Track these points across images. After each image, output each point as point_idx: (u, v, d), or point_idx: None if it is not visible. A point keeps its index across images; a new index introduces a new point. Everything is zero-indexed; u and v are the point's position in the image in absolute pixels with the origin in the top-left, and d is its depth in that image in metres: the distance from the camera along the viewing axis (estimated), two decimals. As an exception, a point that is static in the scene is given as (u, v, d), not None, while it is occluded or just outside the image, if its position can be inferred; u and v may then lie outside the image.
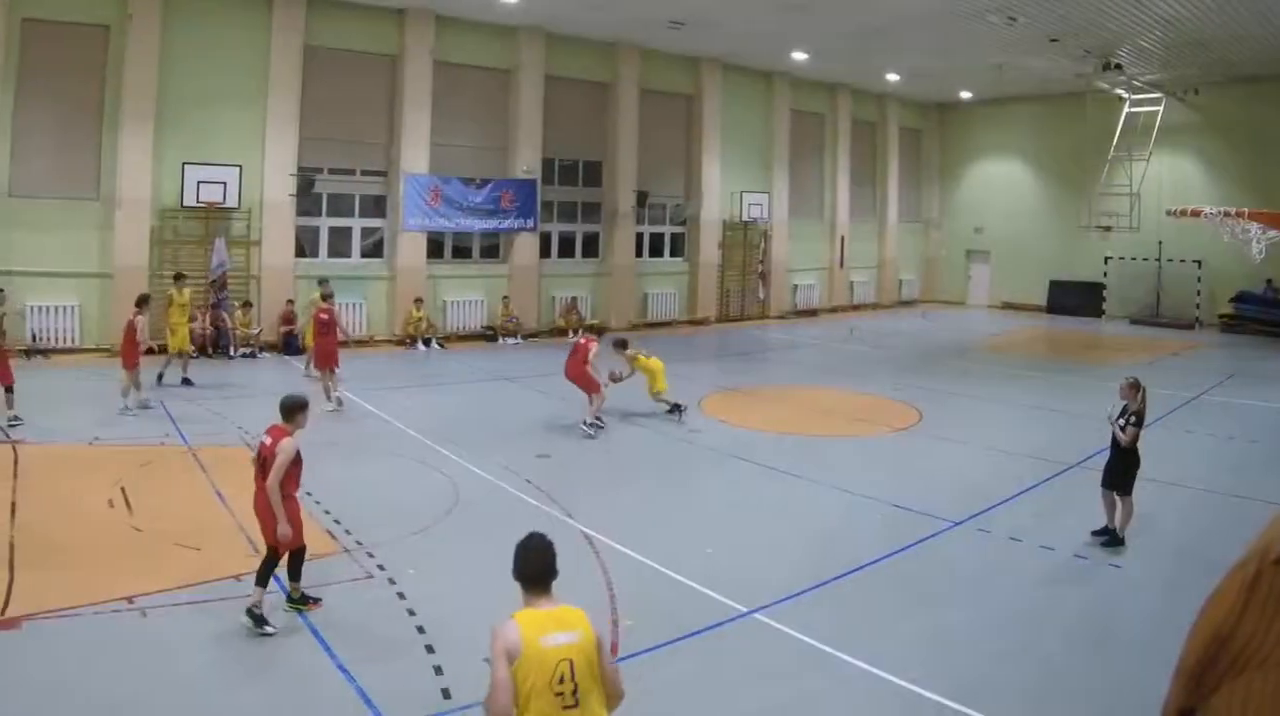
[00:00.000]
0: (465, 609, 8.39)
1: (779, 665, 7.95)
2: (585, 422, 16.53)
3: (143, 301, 17.44)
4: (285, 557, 8.58)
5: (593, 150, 31.08)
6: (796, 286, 37.13)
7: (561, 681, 4.46)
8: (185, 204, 22.65)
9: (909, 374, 23.60)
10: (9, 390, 15.27)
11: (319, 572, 9.43)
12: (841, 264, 38.87)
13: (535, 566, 4.83)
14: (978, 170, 42.39)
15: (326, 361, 17.95)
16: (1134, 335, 33.10)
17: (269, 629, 8.14)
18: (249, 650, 7.94)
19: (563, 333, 28.78)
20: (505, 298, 28.11)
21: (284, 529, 8.25)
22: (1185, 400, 20.23)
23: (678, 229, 33.64)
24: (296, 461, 8.51)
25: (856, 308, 39.34)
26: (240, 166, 23.28)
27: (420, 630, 8.33)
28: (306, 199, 24.83)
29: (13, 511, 10.96)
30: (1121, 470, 10.96)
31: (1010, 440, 16.43)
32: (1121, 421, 10.93)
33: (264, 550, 8.72)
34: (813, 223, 38.09)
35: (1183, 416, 18.59)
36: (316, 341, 18.30)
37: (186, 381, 19.15)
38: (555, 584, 4.83)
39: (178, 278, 19.96)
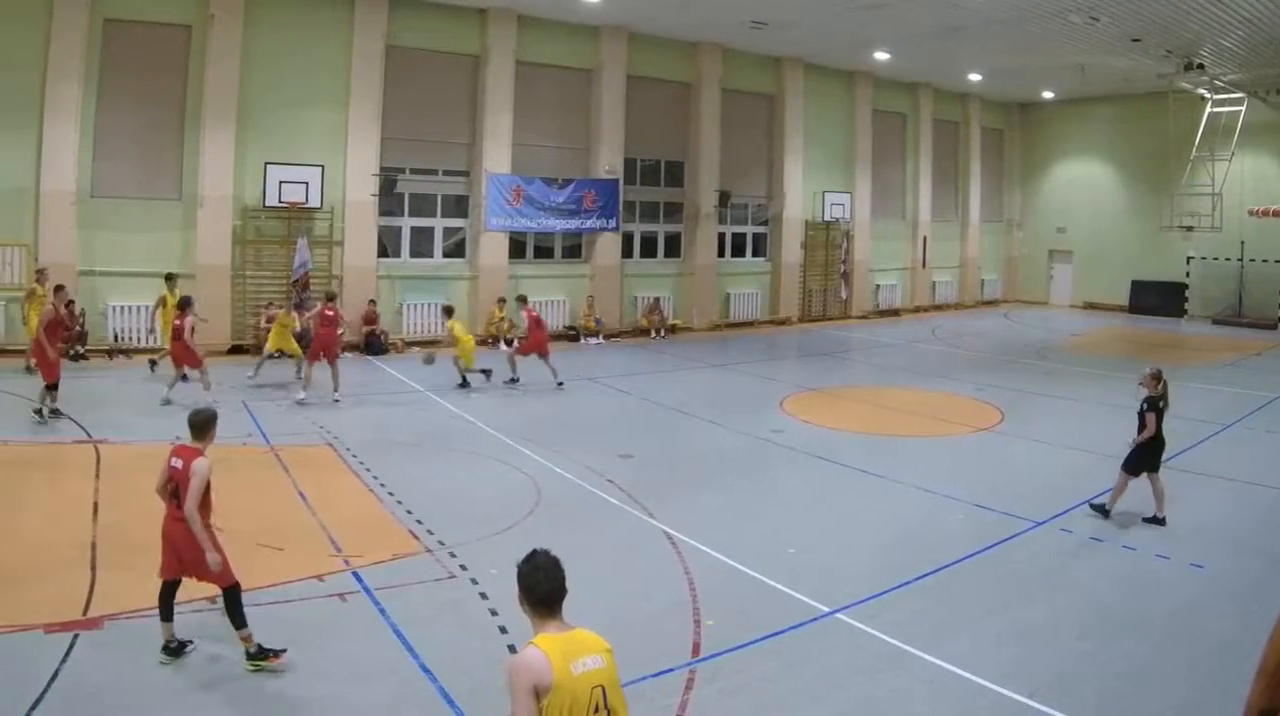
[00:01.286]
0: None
1: (861, 664, 7.51)
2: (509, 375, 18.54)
3: (186, 303, 16.56)
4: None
5: (675, 150, 29.09)
6: (879, 286, 34.77)
7: (596, 711, 3.83)
8: (268, 204, 21.26)
9: (991, 374, 22.01)
10: (52, 388, 14.42)
11: (402, 572, 8.97)
12: (924, 264, 36.34)
13: (548, 586, 3.99)
14: (1060, 170, 39.61)
15: (325, 354, 17.05)
16: (1216, 335, 31.00)
17: (275, 663, 7.07)
18: (331, 650, 7.44)
19: (645, 332, 27.25)
20: (590, 298, 26.37)
21: (213, 557, 6.98)
22: (1266, 400, 19.04)
23: (760, 229, 31.50)
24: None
25: (939, 307, 36.87)
26: (322, 166, 21.83)
27: (503, 630, 7.75)
28: (389, 199, 23.25)
29: (95, 511, 10.33)
30: (1139, 453, 10.98)
31: (1092, 440, 15.09)
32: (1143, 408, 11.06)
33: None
34: (895, 222, 35.66)
35: (1264, 417, 17.55)
36: (320, 332, 17.17)
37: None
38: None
39: (168, 278, 18.57)
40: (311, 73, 22.07)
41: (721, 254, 30.22)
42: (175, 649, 7.15)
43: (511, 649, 7.07)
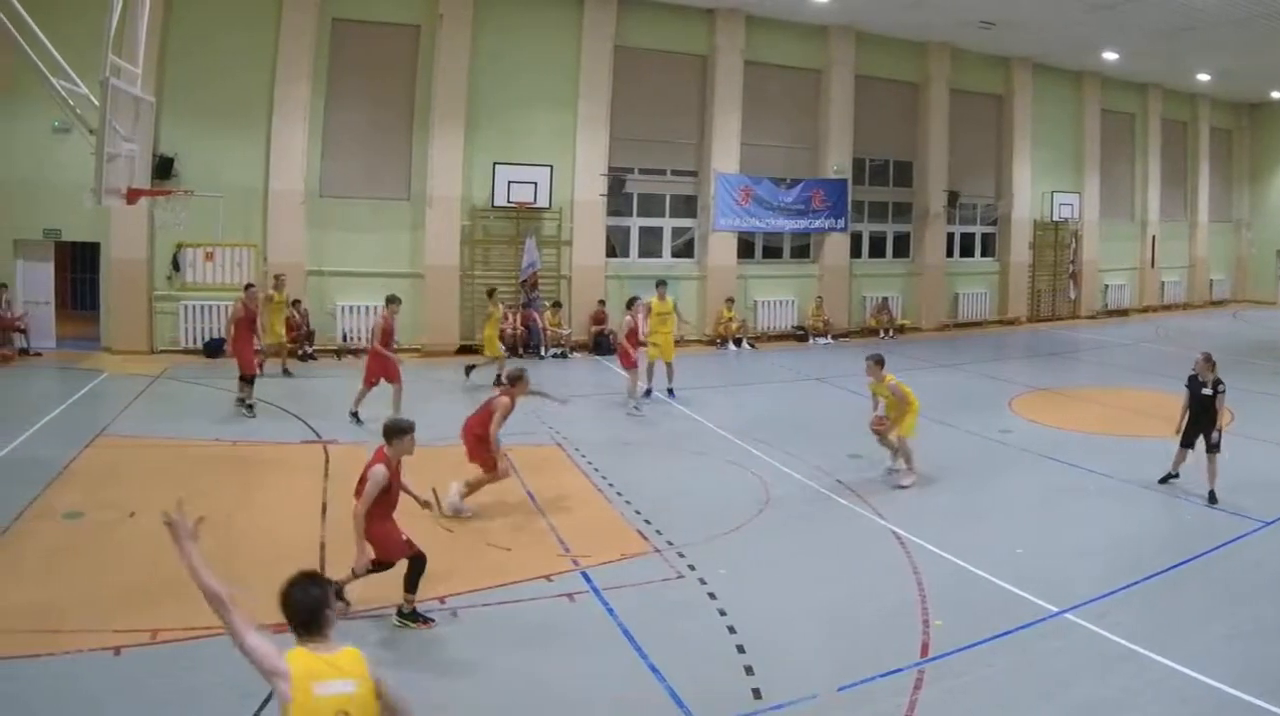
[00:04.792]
0: (776, 609, 6.34)
1: (1090, 664, 5.68)
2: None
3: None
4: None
5: (903, 150, 22.16)
6: (1107, 286, 26.26)
7: None
8: (496, 204, 16.29)
9: (1220, 374, 15.72)
10: (248, 381, 11.54)
11: (630, 572, 7.00)
12: (1153, 264, 27.60)
13: (297, 613, 2.88)
14: (1289, 170, 29.75)
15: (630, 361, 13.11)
16: None
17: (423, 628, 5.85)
18: (561, 649, 5.78)
19: (874, 333, 20.99)
20: (819, 298, 20.14)
21: (362, 559, 5.79)
22: None
23: (988, 229, 23.96)
24: (387, 488, 5.77)
25: (1167, 307, 27.75)
26: (551, 166, 16.65)
27: (731, 630, 5.97)
28: (617, 199, 17.78)
29: (324, 511, 8.17)
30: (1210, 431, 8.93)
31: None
32: (1209, 391, 9.14)
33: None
34: (1123, 222, 26.93)
35: None
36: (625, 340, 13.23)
37: (286, 372, 13.97)
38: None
39: (277, 278, 13.99)
40: (540, 72, 16.91)
41: (950, 254, 22.94)
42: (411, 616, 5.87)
43: (740, 648, 5.66)
